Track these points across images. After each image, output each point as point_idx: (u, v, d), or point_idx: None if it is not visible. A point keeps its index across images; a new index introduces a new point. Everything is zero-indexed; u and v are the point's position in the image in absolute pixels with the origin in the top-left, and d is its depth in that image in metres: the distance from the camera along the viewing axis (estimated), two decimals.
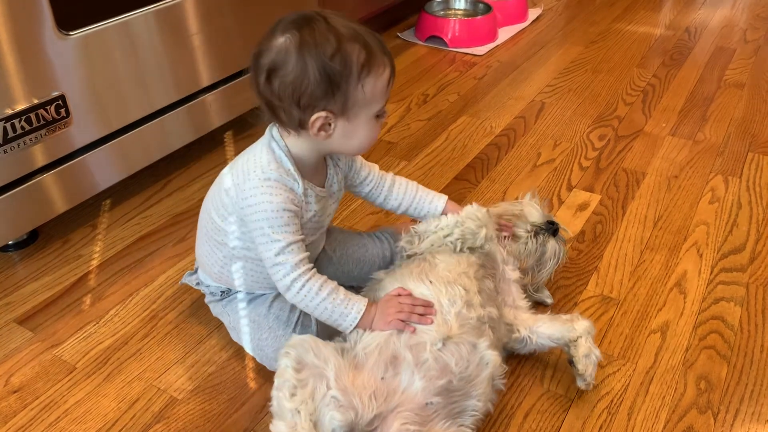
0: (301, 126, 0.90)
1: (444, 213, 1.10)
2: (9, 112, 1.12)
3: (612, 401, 1.01)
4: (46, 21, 1.14)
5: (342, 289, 0.95)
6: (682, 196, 1.50)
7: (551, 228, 1.13)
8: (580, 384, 0.99)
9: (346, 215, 1.43)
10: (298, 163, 0.95)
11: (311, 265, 0.94)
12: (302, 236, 0.94)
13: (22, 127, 1.15)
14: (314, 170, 0.99)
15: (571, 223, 1.40)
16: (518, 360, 1.08)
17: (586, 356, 0.97)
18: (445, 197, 1.12)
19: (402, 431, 0.82)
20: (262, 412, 1.00)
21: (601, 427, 0.97)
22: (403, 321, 0.91)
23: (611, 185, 1.54)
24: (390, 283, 1.00)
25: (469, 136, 1.75)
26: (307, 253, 0.95)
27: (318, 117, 0.88)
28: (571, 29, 2.49)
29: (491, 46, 2.32)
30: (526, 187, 1.52)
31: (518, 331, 1.02)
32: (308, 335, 0.89)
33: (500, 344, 0.98)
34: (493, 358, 0.91)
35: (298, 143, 0.94)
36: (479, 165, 1.62)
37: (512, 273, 1.08)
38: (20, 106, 1.14)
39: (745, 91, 1.97)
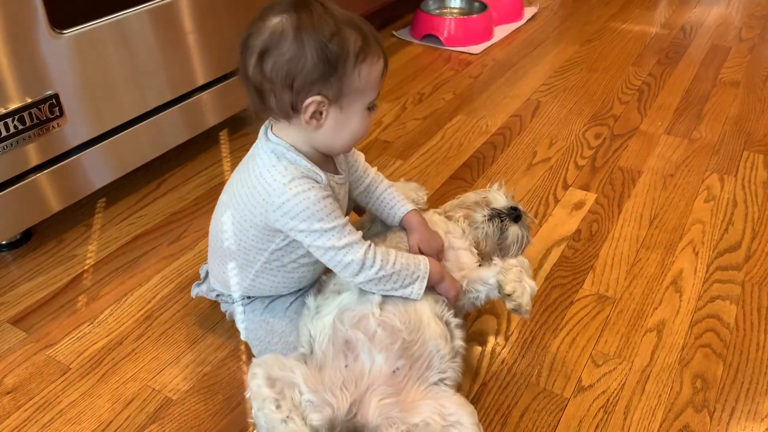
0: (293, 109, 0.86)
1: (401, 225, 1.06)
2: (2, 111, 1.12)
3: (608, 400, 1.01)
4: (40, 20, 1.14)
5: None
6: (677, 194, 1.50)
7: (513, 214, 1.13)
8: (509, 305, 0.94)
9: None
10: (307, 156, 0.91)
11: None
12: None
13: (15, 127, 1.14)
14: (323, 159, 0.95)
15: (566, 222, 1.40)
16: (514, 359, 1.08)
17: (516, 281, 0.93)
18: (409, 207, 1.06)
19: (381, 407, 0.83)
20: None
21: (597, 426, 0.97)
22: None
23: (607, 184, 1.54)
24: None
25: (465, 134, 1.75)
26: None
27: (312, 101, 0.85)
28: (567, 28, 2.49)
29: (487, 44, 2.31)
30: (523, 186, 1.52)
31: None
32: (268, 354, 0.88)
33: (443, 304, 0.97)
34: (419, 297, 0.92)
35: (294, 138, 0.91)
36: (475, 164, 1.62)
37: (459, 242, 1.06)
38: (13, 105, 1.13)
39: (740, 90, 1.98)
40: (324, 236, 0.89)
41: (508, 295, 0.93)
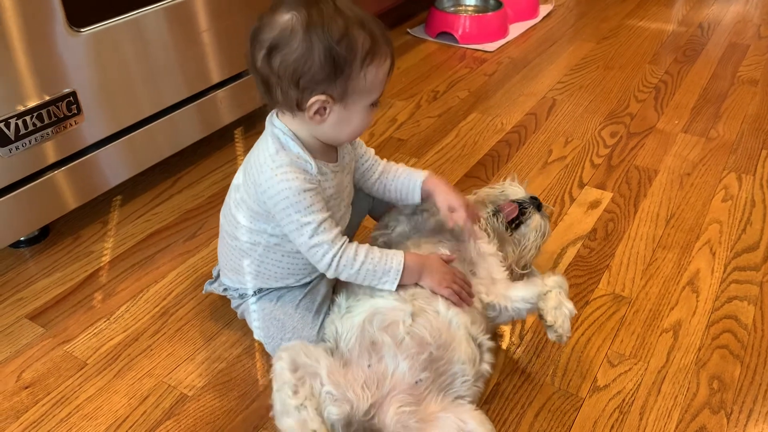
0: (298, 107, 0.89)
1: (423, 194, 1.06)
2: (21, 108, 1.13)
3: (624, 400, 1.01)
4: (57, 18, 1.15)
5: (375, 247, 0.96)
6: (694, 193, 1.49)
7: (535, 202, 1.14)
8: (551, 336, 0.94)
9: None
10: (305, 144, 0.94)
11: (345, 237, 0.95)
12: (330, 212, 0.94)
13: (34, 124, 1.15)
14: (323, 148, 0.97)
15: (582, 221, 1.40)
16: (529, 358, 1.08)
17: (556, 308, 0.94)
18: (425, 173, 1.06)
19: (399, 414, 0.83)
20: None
21: (612, 427, 0.97)
22: (455, 293, 0.94)
23: (623, 183, 1.53)
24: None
25: (480, 132, 1.74)
26: (339, 228, 0.95)
27: (316, 100, 0.87)
28: (583, 25, 2.47)
29: (502, 42, 2.30)
30: (538, 185, 1.51)
31: (493, 301, 1.00)
32: (297, 341, 0.90)
33: (473, 312, 0.97)
34: (458, 317, 0.92)
35: (297, 126, 0.94)
36: (490, 162, 1.61)
37: (487, 247, 1.06)
38: (32, 103, 1.14)
39: (759, 88, 1.95)
40: (299, 230, 0.92)
41: (550, 326, 0.94)
